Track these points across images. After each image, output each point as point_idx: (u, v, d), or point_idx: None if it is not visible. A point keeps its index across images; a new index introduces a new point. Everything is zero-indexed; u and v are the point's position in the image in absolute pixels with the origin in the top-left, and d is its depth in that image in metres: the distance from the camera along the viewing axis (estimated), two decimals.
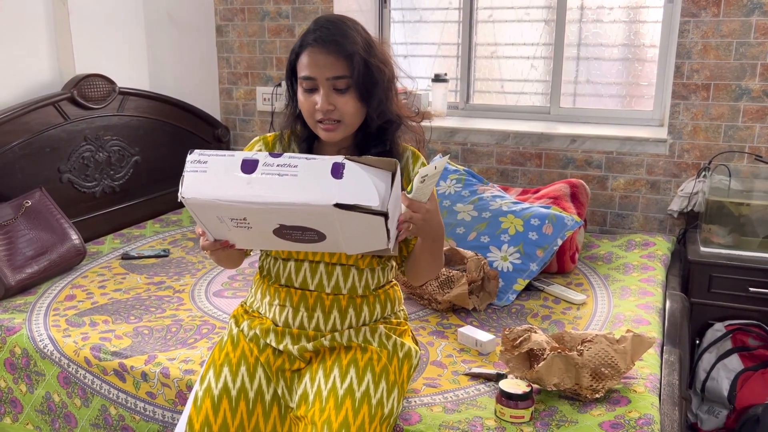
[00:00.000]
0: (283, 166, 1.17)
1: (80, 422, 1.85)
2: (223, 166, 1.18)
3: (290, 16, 3.16)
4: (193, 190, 1.19)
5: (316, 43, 1.38)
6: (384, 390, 1.40)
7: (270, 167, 1.17)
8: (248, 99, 3.36)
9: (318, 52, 1.38)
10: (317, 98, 1.39)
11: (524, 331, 1.62)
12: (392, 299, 1.58)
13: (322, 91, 1.38)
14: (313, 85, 1.39)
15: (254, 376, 1.44)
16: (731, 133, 2.58)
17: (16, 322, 1.98)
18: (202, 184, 1.18)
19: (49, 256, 2.27)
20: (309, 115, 1.42)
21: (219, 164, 1.19)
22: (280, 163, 1.17)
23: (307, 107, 1.41)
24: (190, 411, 1.41)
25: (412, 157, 1.53)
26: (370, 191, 1.14)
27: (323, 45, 1.37)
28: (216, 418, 1.38)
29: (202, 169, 1.19)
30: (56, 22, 2.59)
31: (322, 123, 1.41)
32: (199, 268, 2.41)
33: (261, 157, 1.18)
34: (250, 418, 1.40)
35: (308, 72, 1.39)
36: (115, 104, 2.75)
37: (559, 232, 2.26)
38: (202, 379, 1.45)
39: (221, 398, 1.40)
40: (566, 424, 1.47)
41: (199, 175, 1.19)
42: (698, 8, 2.52)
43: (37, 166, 2.47)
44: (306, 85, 1.40)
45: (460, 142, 2.97)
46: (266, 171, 1.17)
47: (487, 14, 3.16)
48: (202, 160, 1.19)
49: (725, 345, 2.28)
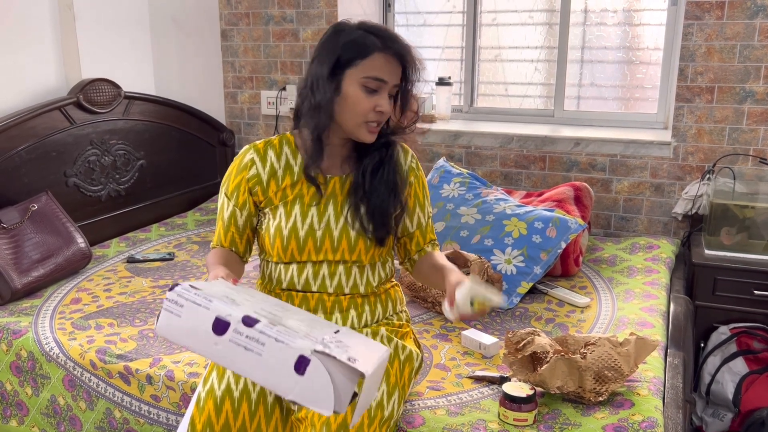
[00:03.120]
0: (251, 340, 1.12)
1: (85, 425, 1.86)
2: (196, 318, 1.16)
3: (294, 20, 3.17)
4: (166, 331, 1.20)
5: (389, 50, 1.42)
6: (384, 392, 1.40)
7: (239, 336, 1.13)
8: (253, 103, 3.37)
9: (391, 57, 1.42)
10: (380, 101, 1.42)
11: (528, 334, 1.62)
12: (393, 299, 1.60)
13: (385, 96, 1.43)
14: (379, 86, 1.41)
15: None
16: (735, 135, 2.58)
17: (23, 325, 1.99)
18: (176, 329, 1.18)
19: (55, 259, 2.28)
20: (362, 113, 1.42)
21: (192, 315, 1.17)
22: (249, 334, 1.13)
23: (365, 106, 1.42)
24: (193, 412, 1.42)
25: (402, 151, 1.58)
26: (326, 396, 1.07)
27: (395, 53, 1.42)
28: (218, 419, 1.39)
29: (177, 312, 1.18)
30: (62, 27, 2.61)
31: (371, 124, 1.44)
32: (204, 271, 2.42)
33: (233, 321, 1.14)
34: (252, 419, 1.41)
35: (382, 74, 1.41)
36: (121, 108, 2.77)
37: (563, 235, 2.25)
38: (205, 381, 1.46)
39: (224, 399, 1.41)
40: (569, 427, 1.47)
41: (174, 318, 1.18)
42: (702, 11, 2.52)
43: (43, 170, 2.49)
44: (372, 86, 1.41)
45: (464, 145, 2.98)
46: (234, 339, 1.13)
47: (491, 17, 3.17)
48: (179, 303, 1.18)
49: (730, 348, 2.27)
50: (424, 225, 1.61)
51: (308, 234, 1.48)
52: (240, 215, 1.54)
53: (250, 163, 1.53)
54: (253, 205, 1.53)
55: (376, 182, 1.49)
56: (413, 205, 1.59)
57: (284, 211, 1.49)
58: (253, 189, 1.52)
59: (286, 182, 1.51)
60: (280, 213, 1.50)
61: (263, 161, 1.53)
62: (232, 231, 1.55)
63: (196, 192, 3.19)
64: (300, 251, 1.49)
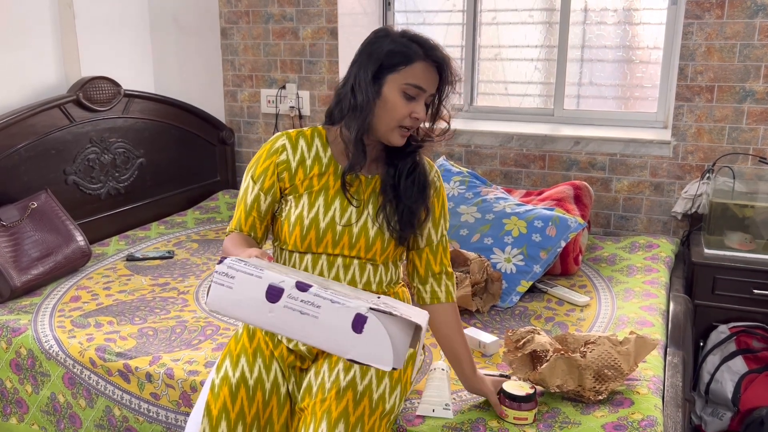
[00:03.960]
0: (307, 304, 1.15)
1: (85, 423, 1.86)
2: (249, 288, 1.17)
3: (294, 19, 3.17)
4: (217, 304, 1.21)
5: (430, 59, 1.46)
6: (387, 386, 1.41)
7: (294, 301, 1.15)
8: (253, 101, 3.37)
9: (431, 67, 1.46)
10: (417, 107, 1.45)
11: (527, 333, 1.63)
12: (401, 300, 1.60)
13: (422, 104, 1.46)
14: (417, 93, 1.45)
15: (270, 369, 1.46)
16: (735, 135, 2.58)
17: (22, 323, 1.99)
18: (228, 301, 1.19)
19: (55, 257, 2.28)
20: (399, 118, 1.45)
21: (245, 285, 1.18)
22: (304, 299, 1.15)
23: (403, 112, 1.45)
24: (208, 397, 1.42)
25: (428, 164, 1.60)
26: (385, 352, 1.11)
27: (435, 63, 1.46)
28: (234, 406, 1.39)
29: (229, 284, 1.19)
30: (62, 25, 2.61)
31: (404, 129, 1.47)
32: (203, 270, 2.42)
33: (287, 287, 1.16)
34: (265, 408, 1.42)
35: (422, 83, 1.45)
36: (121, 107, 2.77)
37: (563, 234, 2.26)
38: (218, 368, 1.46)
39: (239, 387, 1.41)
40: (569, 426, 1.47)
41: (225, 291, 1.19)
42: (702, 10, 2.52)
43: (42, 168, 2.49)
44: (411, 92, 1.44)
45: (463, 144, 2.97)
46: (289, 304, 1.15)
47: (491, 16, 3.16)
48: (230, 274, 1.19)
49: (729, 347, 2.27)
50: (434, 244, 1.59)
51: (329, 226, 1.49)
52: (264, 200, 1.53)
53: (281, 148, 1.53)
54: (278, 191, 1.54)
55: (409, 183, 1.53)
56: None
57: (308, 201, 1.50)
58: (281, 174, 1.52)
59: (313, 172, 1.52)
60: (303, 202, 1.50)
61: (294, 148, 1.53)
62: (254, 215, 1.54)
63: (195, 190, 3.19)
64: (318, 242, 1.49)
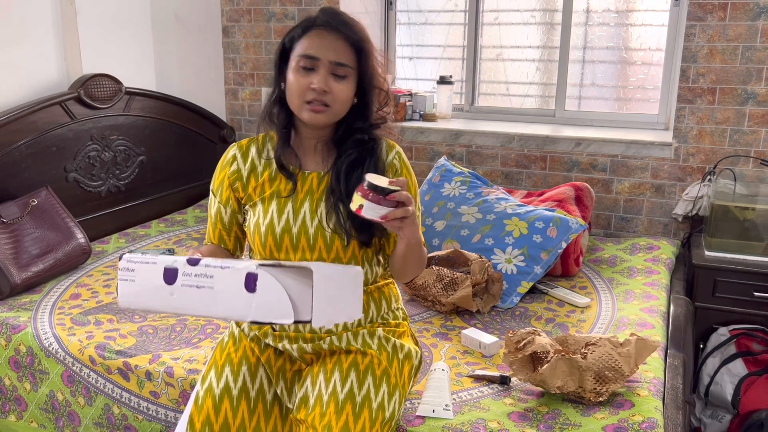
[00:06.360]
0: (201, 277, 1.15)
1: (84, 421, 1.85)
2: (148, 276, 1.19)
3: (296, 18, 3.17)
4: (126, 300, 1.22)
5: (326, 26, 1.38)
6: (385, 393, 1.39)
7: (188, 277, 1.16)
8: (254, 100, 3.36)
9: (327, 34, 1.38)
10: (313, 78, 1.38)
11: (528, 334, 1.62)
12: (387, 297, 1.56)
13: (321, 72, 1.38)
14: (312, 64, 1.38)
15: (255, 376, 1.45)
16: (737, 137, 2.58)
17: (21, 320, 1.98)
18: (134, 294, 1.21)
19: (55, 254, 2.27)
20: (299, 94, 1.39)
21: (144, 274, 1.20)
22: (197, 272, 1.15)
23: (299, 86, 1.39)
24: (191, 410, 1.41)
25: (387, 146, 1.51)
26: (284, 306, 1.08)
27: (334, 28, 1.38)
28: (217, 418, 1.38)
29: (131, 278, 1.21)
30: (63, 22, 2.61)
31: (311, 104, 1.39)
32: None
33: (180, 265, 1.17)
34: (251, 417, 1.40)
35: (311, 51, 1.38)
36: (122, 104, 2.76)
37: (564, 235, 2.25)
38: (203, 379, 1.45)
39: (222, 398, 1.40)
40: (569, 427, 1.47)
41: (130, 285, 1.21)
42: (704, 12, 2.51)
43: (43, 165, 2.48)
44: (304, 63, 1.38)
45: (465, 145, 2.97)
46: (185, 282, 1.16)
47: (493, 17, 3.16)
48: (130, 268, 1.21)
49: (729, 349, 2.27)
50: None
51: (284, 230, 1.44)
52: (224, 212, 1.53)
53: (231, 159, 1.53)
54: (235, 202, 1.52)
55: (353, 183, 1.40)
56: None
57: (262, 208, 1.47)
58: (234, 185, 1.51)
59: (264, 177, 1.49)
60: (258, 209, 1.48)
61: (244, 157, 1.52)
62: (219, 227, 1.55)
63: (196, 188, 3.19)
64: (278, 248, 1.45)
